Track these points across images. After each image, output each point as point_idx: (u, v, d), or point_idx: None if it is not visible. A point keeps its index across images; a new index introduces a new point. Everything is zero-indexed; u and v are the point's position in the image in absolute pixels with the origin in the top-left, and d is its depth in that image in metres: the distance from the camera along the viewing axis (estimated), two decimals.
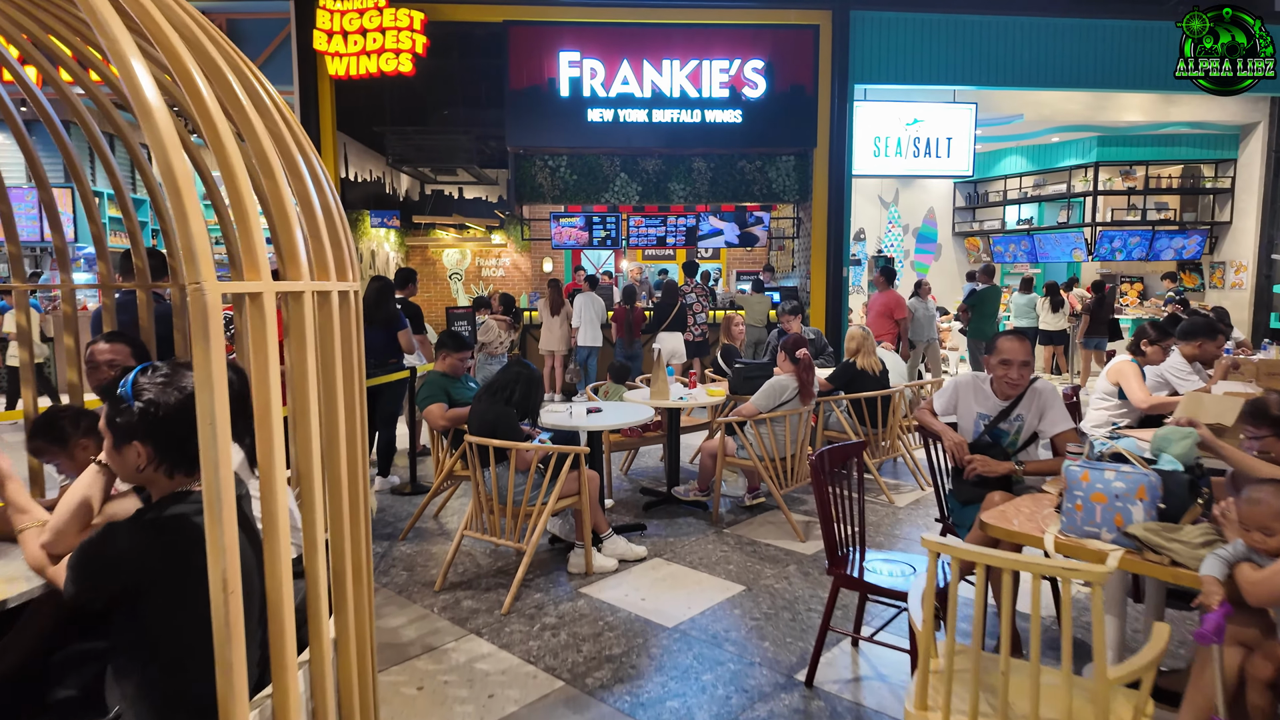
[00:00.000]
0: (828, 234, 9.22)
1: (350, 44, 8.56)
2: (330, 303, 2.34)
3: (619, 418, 4.11)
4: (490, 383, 3.66)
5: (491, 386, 3.62)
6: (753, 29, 8.95)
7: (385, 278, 5.31)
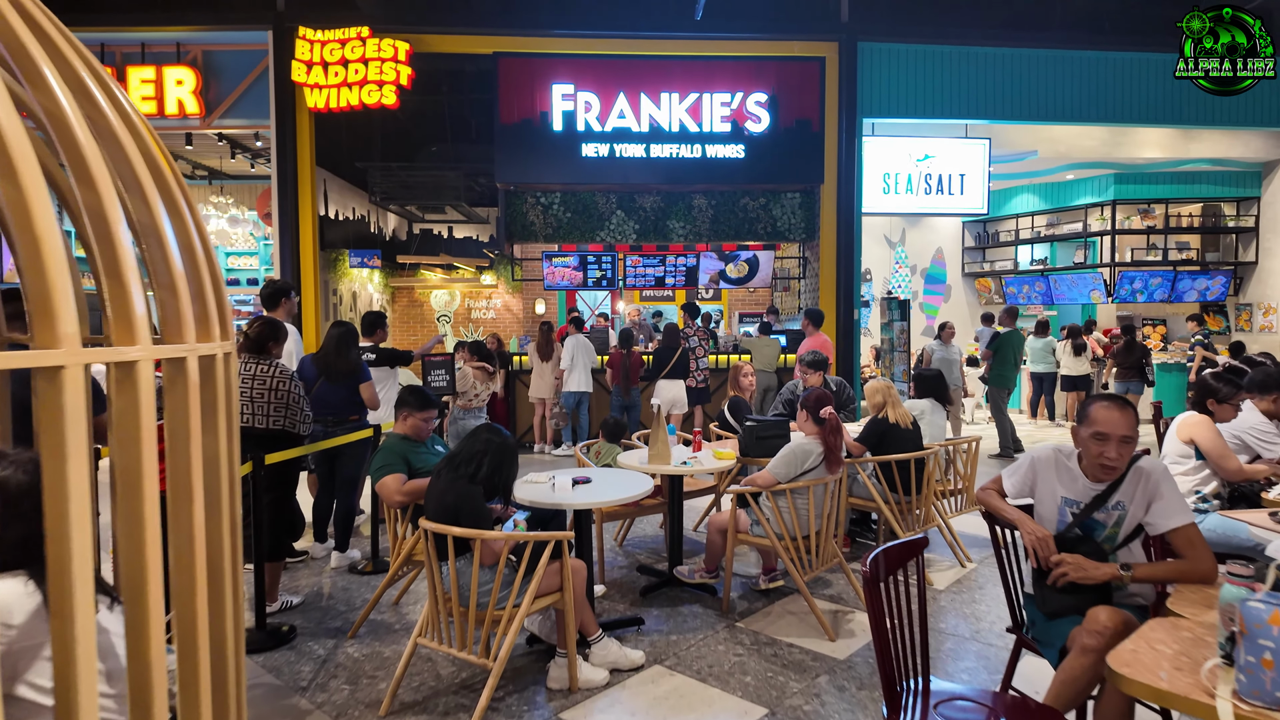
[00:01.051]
0: (837, 274, 8.66)
1: (331, 75, 8.10)
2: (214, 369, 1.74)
3: (612, 491, 3.44)
4: (453, 454, 3.00)
5: (454, 459, 2.96)
6: (755, 61, 8.52)
7: (346, 323, 4.69)
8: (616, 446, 4.66)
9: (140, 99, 8.19)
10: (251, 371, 3.84)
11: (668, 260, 9.26)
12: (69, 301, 1.14)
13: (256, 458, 3.50)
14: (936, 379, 5.13)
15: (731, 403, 5.26)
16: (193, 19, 8.28)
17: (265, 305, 5.09)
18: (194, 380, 1.65)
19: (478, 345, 6.11)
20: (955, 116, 8.90)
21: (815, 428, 3.72)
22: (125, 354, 1.29)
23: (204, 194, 11.76)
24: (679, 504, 4.21)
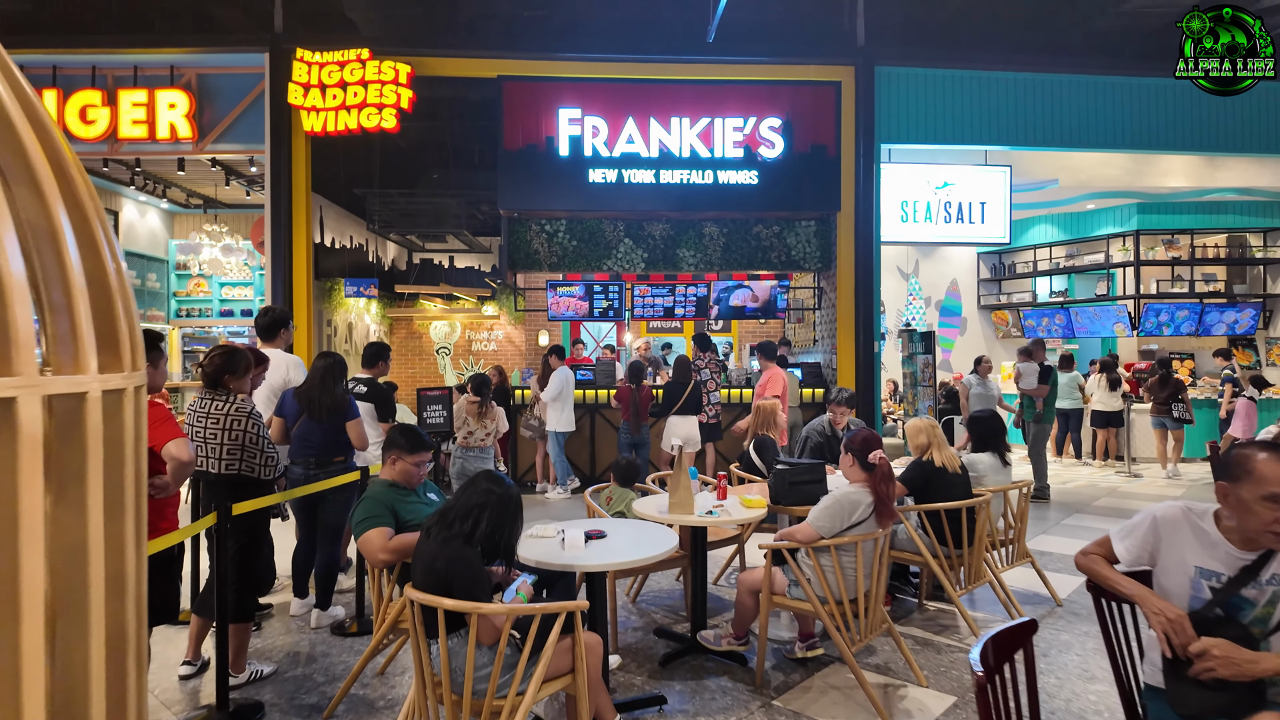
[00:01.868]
0: (855, 305, 8.26)
1: (329, 98, 7.80)
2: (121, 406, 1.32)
3: (631, 548, 2.97)
4: (445, 509, 2.54)
5: (446, 515, 2.50)
6: (769, 85, 8.23)
7: (333, 354, 4.26)
8: (630, 492, 4.20)
9: (131, 123, 7.89)
10: (206, 409, 3.40)
11: (677, 290, 8.87)
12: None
13: (221, 507, 3.04)
14: (995, 422, 4.54)
15: (758, 442, 4.79)
16: (187, 41, 8.02)
17: (261, 336, 4.69)
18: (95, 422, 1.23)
19: (478, 377, 5.67)
20: (974, 142, 8.58)
21: (863, 474, 3.25)
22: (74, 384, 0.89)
23: (197, 222, 11.44)
24: (702, 558, 3.73)
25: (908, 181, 8.84)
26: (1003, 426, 4.62)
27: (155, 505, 2.83)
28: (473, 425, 5.54)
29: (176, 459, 2.67)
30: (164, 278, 11.69)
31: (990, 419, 4.59)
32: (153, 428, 2.72)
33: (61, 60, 7.96)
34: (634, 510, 3.77)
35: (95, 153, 8.12)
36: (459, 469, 5.60)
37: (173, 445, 2.69)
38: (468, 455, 5.58)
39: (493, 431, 5.61)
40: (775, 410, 4.80)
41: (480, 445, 5.59)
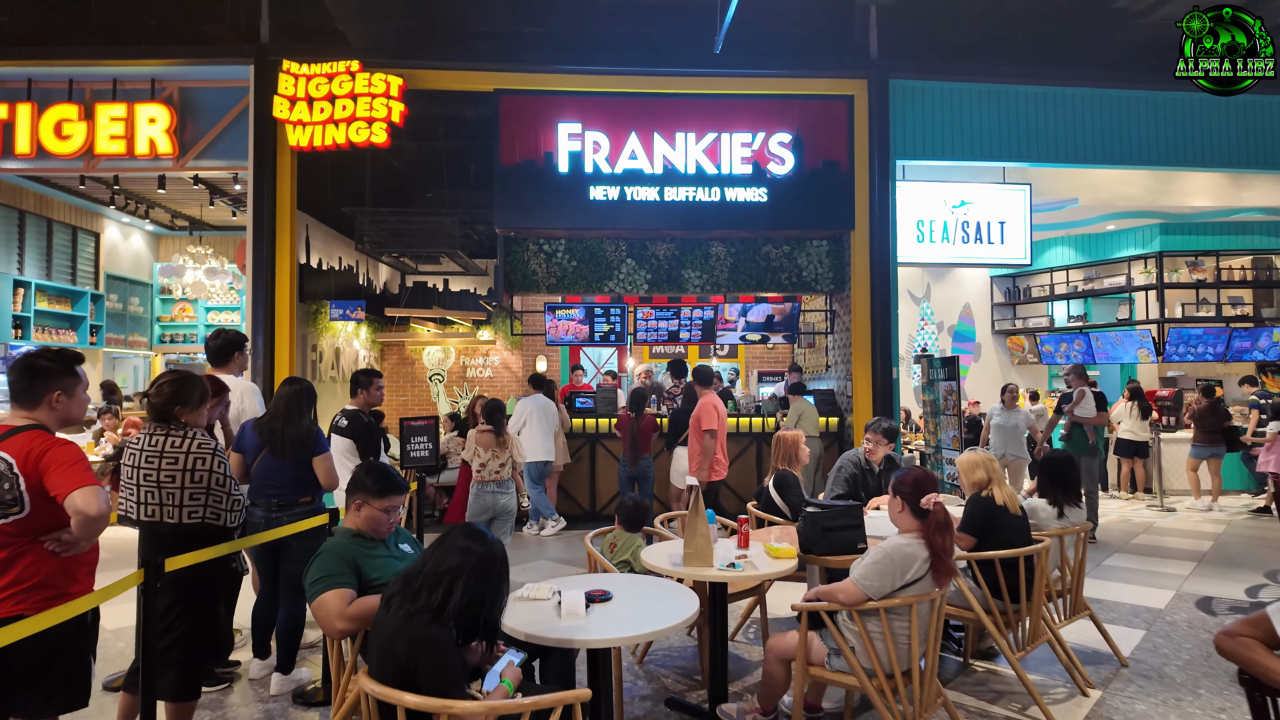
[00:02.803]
0: (872, 328, 7.79)
1: (316, 112, 7.41)
2: None
3: (644, 616, 2.46)
4: (410, 574, 2.04)
5: (411, 582, 1.99)
6: (779, 99, 7.85)
7: (300, 380, 3.77)
8: (637, 538, 3.68)
9: (109, 138, 7.48)
10: (158, 446, 2.90)
11: (682, 313, 8.41)
12: None
13: (148, 561, 2.53)
14: (1071, 467, 3.96)
15: (779, 478, 4.28)
16: (169, 52, 7.65)
17: (213, 360, 4.21)
18: None
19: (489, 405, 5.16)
20: (992, 159, 8.19)
21: (915, 522, 2.75)
22: None
23: (182, 245, 11.03)
24: (722, 617, 3.21)
25: (923, 200, 8.44)
26: (1078, 474, 4.04)
27: (61, 566, 2.32)
28: (485, 457, 5.02)
29: (82, 513, 2.16)
30: (147, 302, 11.25)
31: (1067, 462, 4.01)
32: (57, 472, 2.22)
33: (37, 73, 7.58)
34: (642, 561, 3.26)
35: (71, 169, 7.72)
36: (478, 507, 5.07)
37: (78, 496, 2.17)
38: (483, 490, 5.04)
39: (508, 462, 5.09)
40: (798, 443, 4.29)
41: (496, 479, 5.05)
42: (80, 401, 2.53)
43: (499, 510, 5.01)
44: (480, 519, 5.01)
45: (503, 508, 5.02)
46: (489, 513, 5.01)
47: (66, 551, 2.32)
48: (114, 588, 2.46)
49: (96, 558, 2.51)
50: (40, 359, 2.44)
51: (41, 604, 2.26)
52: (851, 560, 3.24)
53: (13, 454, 2.25)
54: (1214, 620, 4.72)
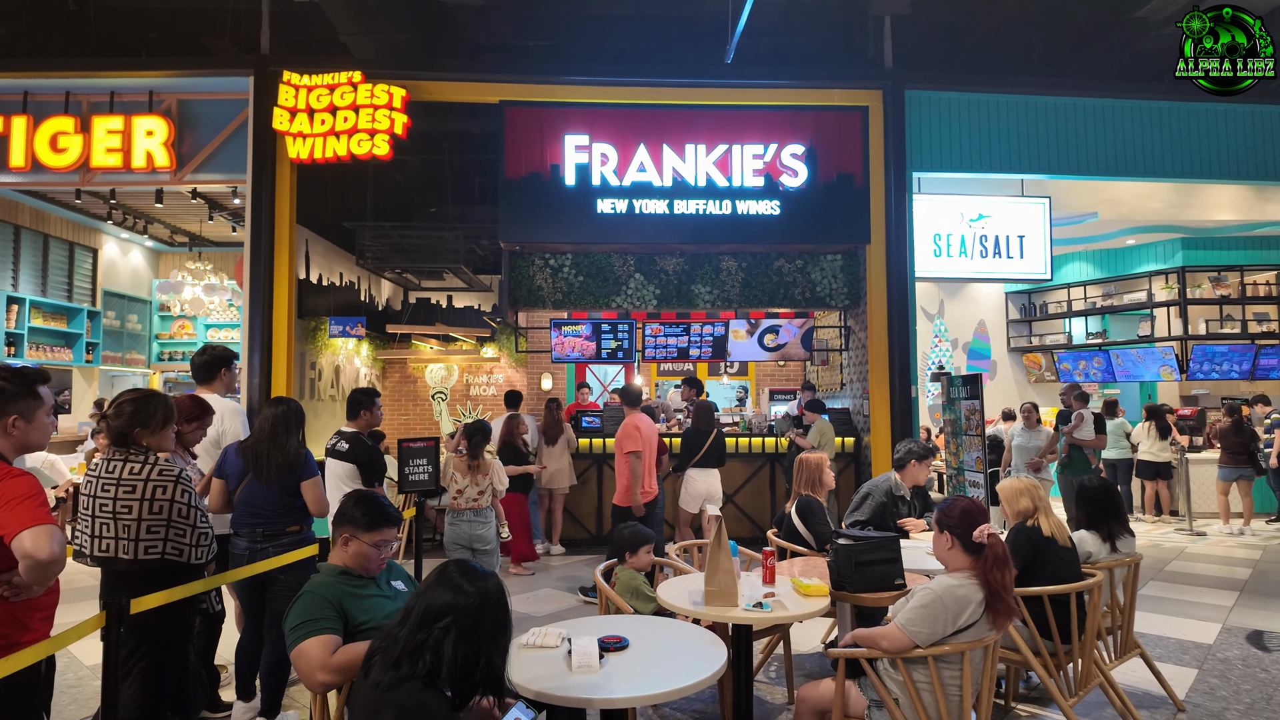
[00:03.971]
0: (889, 345, 7.52)
1: (317, 124, 7.22)
2: None
3: (664, 670, 2.17)
4: (390, 631, 1.76)
5: (392, 641, 1.71)
6: (791, 110, 7.65)
7: (286, 400, 3.52)
8: (639, 577, 3.33)
9: (105, 151, 7.30)
10: (115, 473, 2.64)
11: (692, 329, 8.16)
12: None
13: (112, 603, 2.26)
14: (1110, 495, 3.66)
15: (802, 505, 3.99)
16: (168, 64, 7.49)
17: (197, 377, 3.96)
18: None
19: (470, 427, 4.90)
20: (1010, 170, 7.96)
21: (967, 559, 2.47)
22: None
23: (180, 261, 10.84)
24: (747, 661, 2.91)
25: (940, 213, 8.20)
26: (1120, 501, 3.74)
27: (11, 613, 2.05)
28: (461, 483, 4.74)
29: (30, 557, 1.89)
30: (146, 319, 11.05)
31: (1104, 490, 3.71)
32: (4, 509, 1.95)
33: (33, 85, 7.42)
34: (660, 599, 2.96)
35: (66, 183, 7.54)
36: (450, 538, 4.79)
37: (27, 537, 1.90)
38: (458, 520, 4.76)
39: (487, 489, 4.82)
40: (822, 466, 4.01)
41: (473, 506, 4.77)
42: (41, 426, 2.27)
43: (476, 541, 4.71)
44: (457, 551, 4.72)
45: (480, 538, 4.72)
46: (466, 543, 4.72)
47: (18, 596, 2.05)
48: (70, 634, 2.19)
49: (55, 601, 2.24)
50: None
51: None
52: (888, 598, 2.96)
53: None
54: (1270, 658, 4.39)
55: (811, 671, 4.14)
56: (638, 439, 5.48)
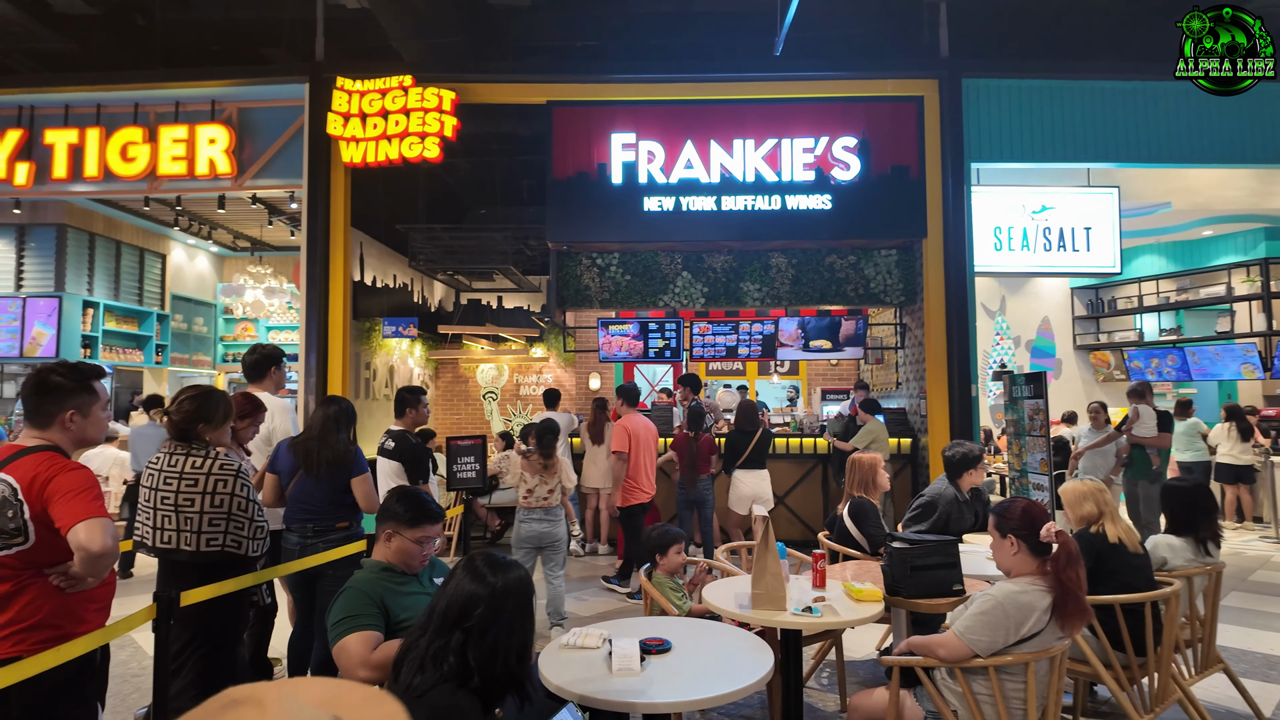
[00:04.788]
0: (948, 343, 7.27)
1: (369, 128, 7.36)
2: None
3: (708, 674, 2.10)
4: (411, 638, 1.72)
5: (414, 644, 1.68)
6: (842, 102, 7.46)
7: (339, 399, 3.56)
8: (667, 582, 3.23)
9: (171, 159, 7.58)
10: (177, 466, 2.69)
11: (740, 328, 8.03)
12: None
13: (163, 595, 2.30)
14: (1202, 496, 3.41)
15: (855, 506, 3.86)
16: (229, 73, 7.73)
17: (248, 375, 4.04)
18: None
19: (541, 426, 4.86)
20: (1075, 160, 7.60)
21: (1034, 563, 2.32)
22: None
23: (242, 265, 11.21)
24: (796, 665, 2.82)
25: (1000, 206, 7.89)
26: (1215, 502, 3.49)
27: (66, 605, 2.10)
28: (531, 482, 4.72)
29: (84, 549, 1.93)
30: (211, 322, 11.46)
31: (1196, 490, 3.46)
32: (61, 501, 2.00)
33: (105, 98, 7.75)
34: (708, 602, 2.88)
35: (135, 190, 7.85)
36: (519, 535, 4.78)
37: (81, 529, 1.94)
38: (529, 518, 4.74)
39: (556, 488, 4.78)
40: (876, 467, 3.86)
41: (543, 505, 4.74)
42: (98, 421, 2.32)
43: (545, 539, 4.69)
44: (526, 548, 4.71)
45: (549, 536, 4.70)
46: (535, 541, 4.70)
47: (73, 587, 2.10)
48: (120, 625, 2.23)
49: (110, 593, 2.28)
50: (53, 374, 2.24)
51: (41, 645, 2.04)
52: (945, 604, 2.82)
53: (18, 478, 2.05)
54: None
55: (865, 679, 4.00)
56: (624, 439, 5.56)
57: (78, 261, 9.11)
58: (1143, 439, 7.26)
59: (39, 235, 8.98)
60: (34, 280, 8.94)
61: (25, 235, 8.97)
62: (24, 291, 8.86)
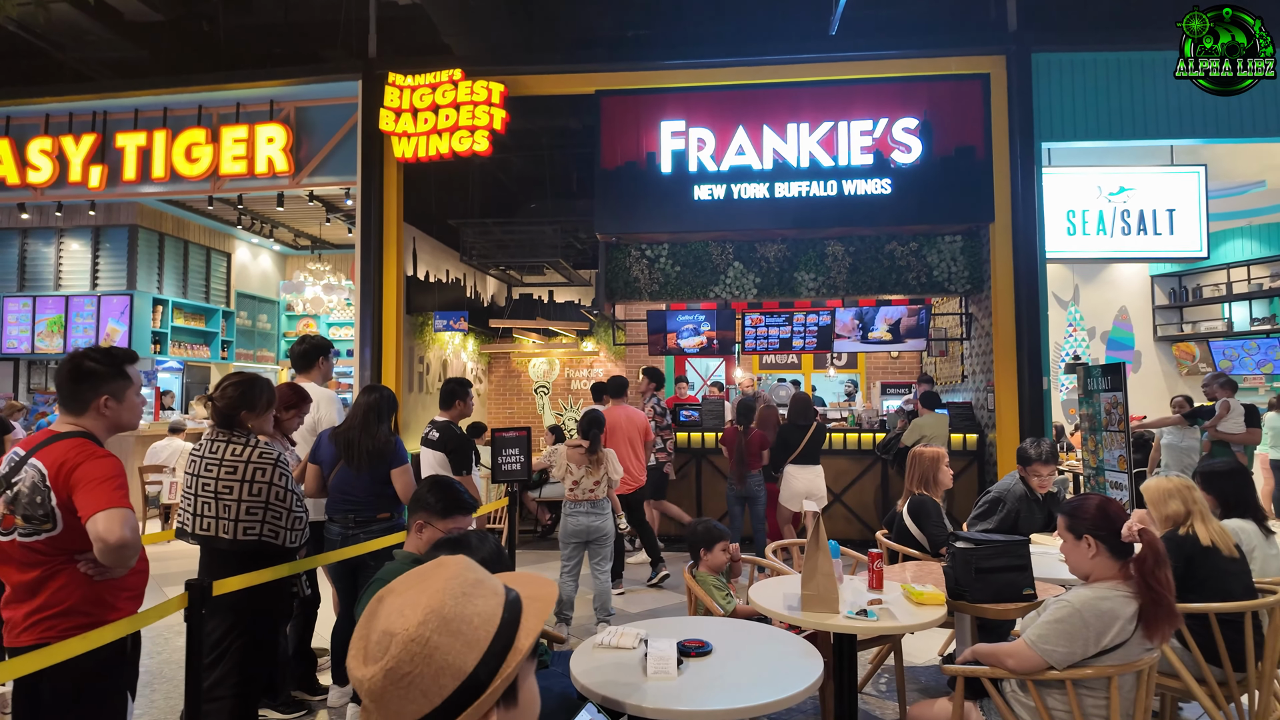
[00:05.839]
0: (1017, 333, 6.88)
1: (420, 122, 7.39)
2: None
3: (751, 681, 1.94)
4: None
5: None
6: (902, 82, 7.14)
7: (381, 388, 3.52)
8: (710, 579, 3.06)
9: (232, 159, 7.78)
10: (218, 454, 2.67)
11: (794, 319, 7.79)
12: None
13: (196, 585, 2.27)
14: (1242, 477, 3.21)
15: (915, 504, 3.62)
16: (285, 73, 7.89)
17: (297, 366, 4.05)
18: None
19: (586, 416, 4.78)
20: (1157, 137, 7.10)
21: (1114, 566, 2.09)
22: None
23: (303, 262, 11.48)
24: (850, 671, 2.63)
25: (1074, 188, 7.44)
26: (1251, 482, 3.26)
27: (96, 592, 2.07)
28: (577, 474, 4.62)
29: (102, 540, 1.90)
30: (274, 318, 11.78)
31: (1234, 473, 3.23)
32: (85, 489, 1.97)
33: (171, 101, 8.00)
34: (755, 602, 2.72)
35: (199, 190, 8.09)
36: (566, 529, 4.69)
37: (100, 519, 1.90)
38: (575, 511, 4.65)
39: (603, 480, 4.68)
40: (938, 462, 3.62)
41: (590, 498, 4.64)
42: (132, 406, 2.30)
43: (592, 533, 4.59)
44: (574, 543, 4.62)
45: (597, 530, 4.59)
46: (582, 535, 4.60)
47: (102, 575, 2.08)
48: (151, 613, 2.21)
49: (143, 581, 2.26)
50: (86, 359, 2.22)
51: (70, 631, 2.02)
52: (1015, 609, 2.59)
53: (48, 464, 2.03)
54: None
55: (926, 687, 3.77)
56: (619, 438, 5.71)
57: (148, 260, 9.46)
58: (1229, 435, 6.72)
59: (112, 236, 9.36)
60: (108, 279, 9.32)
61: (100, 236, 9.35)
62: (99, 290, 9.24)
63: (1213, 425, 6.80)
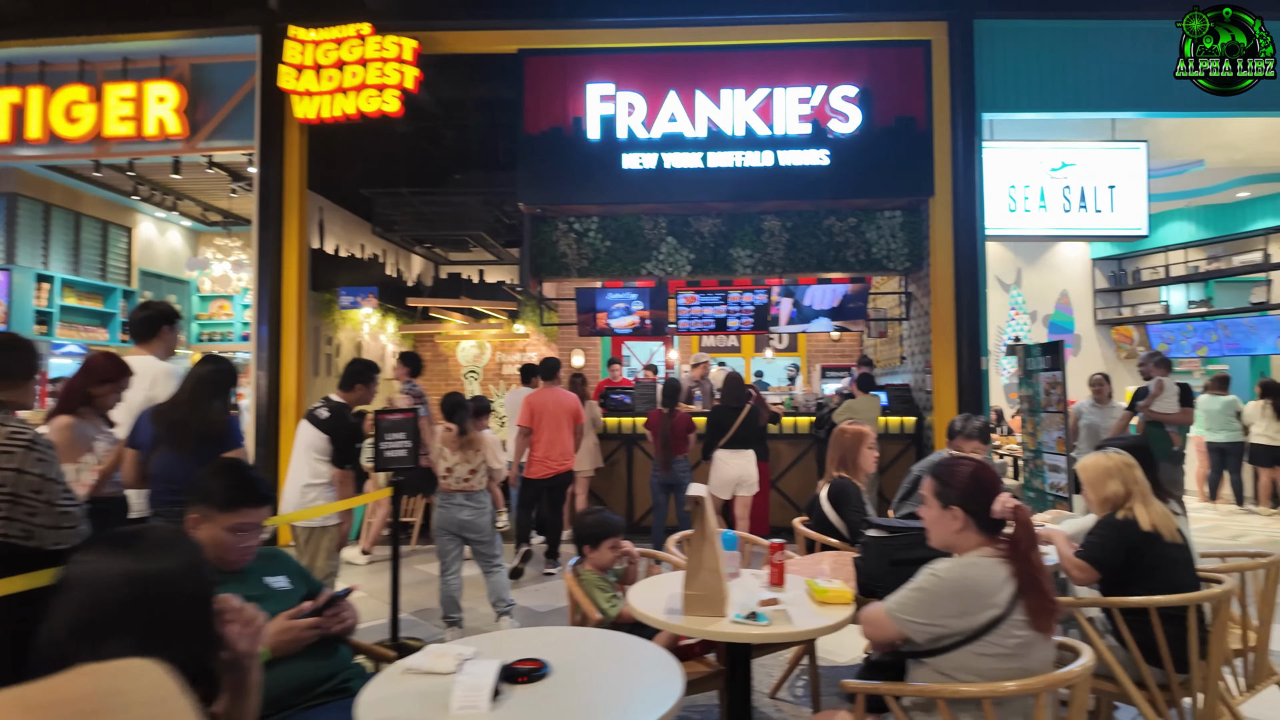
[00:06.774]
0: (956, 312, 6.61)
1: (324, 80, 6.78)
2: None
3: (584, 709, 1.52)
4: None
5: None
6: (842, 48, 6.79)
7: (218, 359, 3.01)
8: (594, 577, 2.63)
9: (118, 119, 7.05)
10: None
11: (730, 298, 7.41)
12: None
13: None
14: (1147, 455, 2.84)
15: (834, 488, 3.24)
16: (177, 24, 7.17)
17: (135, 335, 3.50)
18: None
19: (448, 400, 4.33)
20: (1100, 109, 6.90)
21: (981, 541, 1.72)
22: None
23: (213, 239, 10.70)
24: (744, 683, 2.23)
25: (1016, 163, 7.21)
26: (1154, 458, 2.86)
27: None
28: (451, 460, 4.17)
29: None
30: (185, 300, 10.96)
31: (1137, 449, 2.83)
32: None
33: (49, 54, 7.23)
34: (629, 606, 2.30)
35: (82, 154, 7.34)
36: (438, 521, 4.23)
37: None
38: (448, 502, 4.18)
39: (480, 468, 4.23)
40: (859, 442, 3.25)
41: (464, 488, 4.19)
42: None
43: (467, 529, 4.12)
44: (445, 538, 4.15)
45: (472, 526, 4.12)
46: (456, 529, 4.13)
47: None
48: None
49: None
50: None
51: None
52: None
53: None
54: None
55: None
56: (525, 414, 5.65)
57: (30, 232, 8.60)
58: (1163, 415, 6.49)
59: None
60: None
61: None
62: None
63: (1146, 404, 6.59)
